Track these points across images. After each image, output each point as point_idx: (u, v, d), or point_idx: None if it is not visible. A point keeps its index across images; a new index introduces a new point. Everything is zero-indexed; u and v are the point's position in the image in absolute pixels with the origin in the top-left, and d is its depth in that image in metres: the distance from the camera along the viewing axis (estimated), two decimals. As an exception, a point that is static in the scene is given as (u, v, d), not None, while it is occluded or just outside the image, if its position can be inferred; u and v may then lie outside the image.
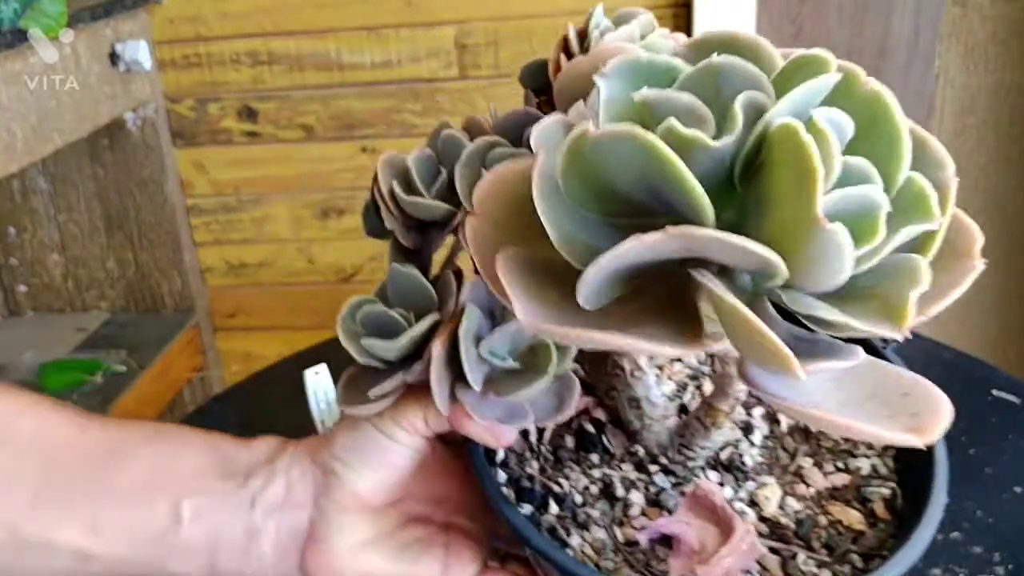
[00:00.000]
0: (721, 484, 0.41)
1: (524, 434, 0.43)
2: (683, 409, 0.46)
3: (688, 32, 1.33)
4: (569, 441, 0.43)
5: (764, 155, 0.27)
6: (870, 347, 0.29)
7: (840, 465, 0.43)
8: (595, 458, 0.42)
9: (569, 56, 0.43)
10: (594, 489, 0.41)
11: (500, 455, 0.42)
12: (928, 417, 0.29)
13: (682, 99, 0.27)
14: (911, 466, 0.41)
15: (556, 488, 0.40)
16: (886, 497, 0.42)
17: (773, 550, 0.38)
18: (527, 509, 0.40)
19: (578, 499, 0.40)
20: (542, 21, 1.37)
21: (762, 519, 0.40)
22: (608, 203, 0.28)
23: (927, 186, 0.27)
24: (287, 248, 1.56)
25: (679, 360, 0.49)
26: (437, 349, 0.37)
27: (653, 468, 0.42)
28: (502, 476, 0.41)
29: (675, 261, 0.28)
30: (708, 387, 0.47)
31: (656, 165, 0.25)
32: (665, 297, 0.29)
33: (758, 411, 0.46)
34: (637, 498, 0.40)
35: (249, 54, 1.43)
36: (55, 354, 1.39)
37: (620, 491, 0.40)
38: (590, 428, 0.43)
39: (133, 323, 1.50)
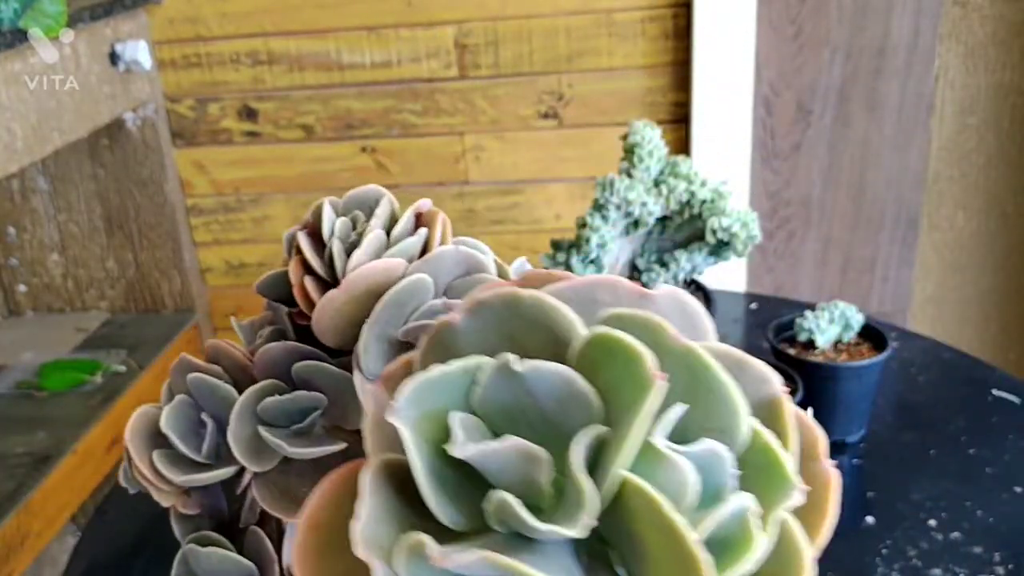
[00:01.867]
0: None
1: None
2: None
3: (688, 32, 1.33)
4: None
5: (621, 501, 0.25)
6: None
7: None
8: None
9: (310, 271, 0.38)
10: None
11: None
12: None
13: (508, 450, 0.24)
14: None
15: None
16: None
17: None
18: None
19: None
20: (542, 21, 1.38)
21: None
22: None
23: (774, 446, 0.26)
24: (287, 248, 1.56)
25: None
26: None
27: None
28: None
29: None
30: None
31: None
32: None
33: None
34: None
35: (249, 54, 1.43)
36: (55, 354, 1.39)
37: None
38: None
39: (133, 323, 1.50)
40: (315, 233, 0.39)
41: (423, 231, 0.39)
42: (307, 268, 0.38)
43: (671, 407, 0.25)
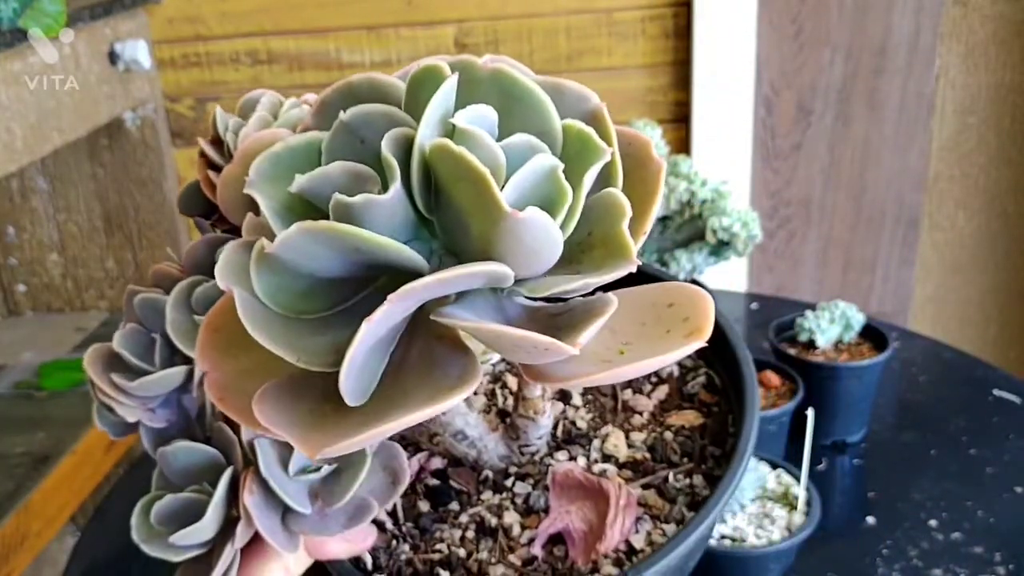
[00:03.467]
0: (573, 458, 0.42)
1: (381, 526, 0.41)
2: (503, 413, 0.45)
3: (688, 31, 1.33)
4: (424, 506, 0.42)
5: (437, 178, 0.27)
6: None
7: (655, 379, 0.45)
8: (455, 506, 0.41)
9: (214, 167, 0.42)
10: (471, 533, 0.40)
11: (369, 561, 0.39)
12: (697, 316, 0.30)
13: (336, 169, 0.27)
14: (712, 345, 0.43)
15: (438, 556, 0.39)
16: (704, 384, 0.44)
17: (646, 486, 0.40)
18: None
19: (462, 553, 0.39)
20: (542, 21, 1.37)
21: (621, 466, 0.41)
22: (323, 295, 0.28)
23: (583, 127, 0.28)
24: (287, 248, 1.56)
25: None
26: (250, 498, 0.34)
27: (508, 482, 0.41)
28: None
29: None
30: (512, 380, 0.47)
31: (350, 244, 0.25)
32: (417, 347, 0.29)
33: None
34: (512, 518, 0.40)
35: (249, 53, 1.43)
36: (55, 354, 1.39)
37: (493, 521, 0.40)
38: (435, 482, 0.42)
39: (133, 323, 1.50)
40: (217, 140, 0.43)
41: (306, 106, 0.42)
42: (211, 165, 0.42)
43: (477, 106, 0.27)
